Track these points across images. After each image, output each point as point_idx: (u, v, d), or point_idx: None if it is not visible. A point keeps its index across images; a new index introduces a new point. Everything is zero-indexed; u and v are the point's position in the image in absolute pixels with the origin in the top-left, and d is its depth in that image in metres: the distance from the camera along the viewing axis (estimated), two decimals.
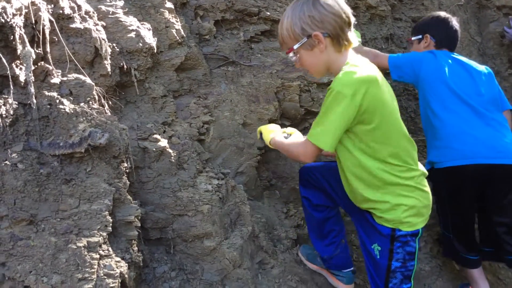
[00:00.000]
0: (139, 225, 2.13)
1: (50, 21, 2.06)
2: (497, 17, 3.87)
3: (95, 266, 1.83)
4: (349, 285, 2.67)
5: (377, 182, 2.02)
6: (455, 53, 2.96)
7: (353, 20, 1.97)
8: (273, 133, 2.37)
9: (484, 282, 2.85)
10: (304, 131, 3.11)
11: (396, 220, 2.02)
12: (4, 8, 1.79)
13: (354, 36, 1.99)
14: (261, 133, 2.46)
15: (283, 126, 3.01)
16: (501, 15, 3.87)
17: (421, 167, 2.13)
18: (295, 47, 1.96)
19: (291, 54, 2.01)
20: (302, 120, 3.06)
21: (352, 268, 2.67)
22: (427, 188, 2.11)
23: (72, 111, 1.98)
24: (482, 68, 2.92)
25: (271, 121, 2.88)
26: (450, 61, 2.85)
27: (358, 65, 1.92)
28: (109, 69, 2.24)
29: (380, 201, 2.03)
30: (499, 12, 3.88)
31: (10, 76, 1.86)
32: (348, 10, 1.95)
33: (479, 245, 2.86)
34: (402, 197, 2.01)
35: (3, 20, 1.79)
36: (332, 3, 1.92)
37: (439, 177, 2.74)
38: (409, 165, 2.04)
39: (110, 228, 1.94)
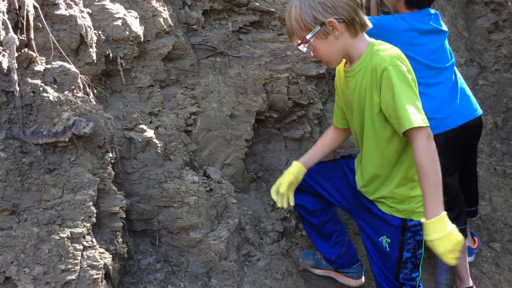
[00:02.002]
0: (124, 216, 2.11)
1: (34, 7, 2.01)
2: (485, 12, 3.88)
3: (79, 257, 1.80)
4: (360, 280, 2.65)
5: (401, 170, 1.95)
6: (430, 11, 2.74)
7: (362, 2, 1.88)
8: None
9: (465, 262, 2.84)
10: (292, 123, 3.10)
11: (408, 210, 1.98)
12: None
13: (366, 19, 1.90)
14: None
15: (270, 118, 3.00)
16: (488, 10, 3.88)
17: None
18: (308, 37, 1.84)
19: (302, 46, 1.89)
20: (290, 112, 3.05)
21: (360, 262, 2.65)
22: None
23: (56, 99, 1.94)
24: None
25: (258, 113, 2.86)
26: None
27: (383, 43, 1.88)
28: (94, 57, 2.19)
29: (398, 191, 1.97)
30: (486, 8, 3.89)
31: None
32: None
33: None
34: (419, 188, 1.88)
35: None
36: None
37: None
38: None
39: (94, 219, 1.91)
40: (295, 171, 2.20)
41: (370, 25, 1.91)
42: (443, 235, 1.59)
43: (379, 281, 2.13)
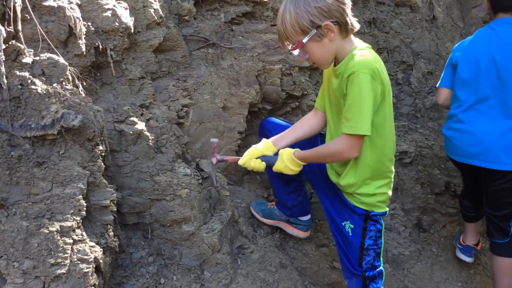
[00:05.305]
0: (115, 209, 2.09)
1: None
2: (480, 2, 3.85)
3: (68, 251, 1.78)
4: (307, 232, 2.77)
5: (370, 172, 2.10)
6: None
7: (350, 2, 1.98)
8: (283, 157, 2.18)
9: (472, 234, 3.14)
10: (285, 115, 3.08)
11: (371, 203, 2.15)
12: None
13: (355, 20, 1.99)
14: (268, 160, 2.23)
15: (264, 109, 2.98)
16: (484, 0, 3.85)
17: None
18: (305, 40, 1.92)
19: (296, 51, 1.97)
20: (283, 104, 3.02)
21: (310, 215, 2.74)
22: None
23: (44, 92, 1.92)
24: None
25: (251, 105, 2.84)
26: (481, 47, 2.58)
27: (366, 49, 1.98)
28: (83, 49, 2.16)
29: (364, 191, 2.14)
30: None
31: None
32: None
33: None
34: (383, 187, 2.16)
35: None
36: None
37: None
38: (393, 156, 2.19)
39: (84, 213, 1.89)
40: (261, 147, 2.26)
41: (358, 26, 2.00)
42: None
43: (345, 264, 2.24)
